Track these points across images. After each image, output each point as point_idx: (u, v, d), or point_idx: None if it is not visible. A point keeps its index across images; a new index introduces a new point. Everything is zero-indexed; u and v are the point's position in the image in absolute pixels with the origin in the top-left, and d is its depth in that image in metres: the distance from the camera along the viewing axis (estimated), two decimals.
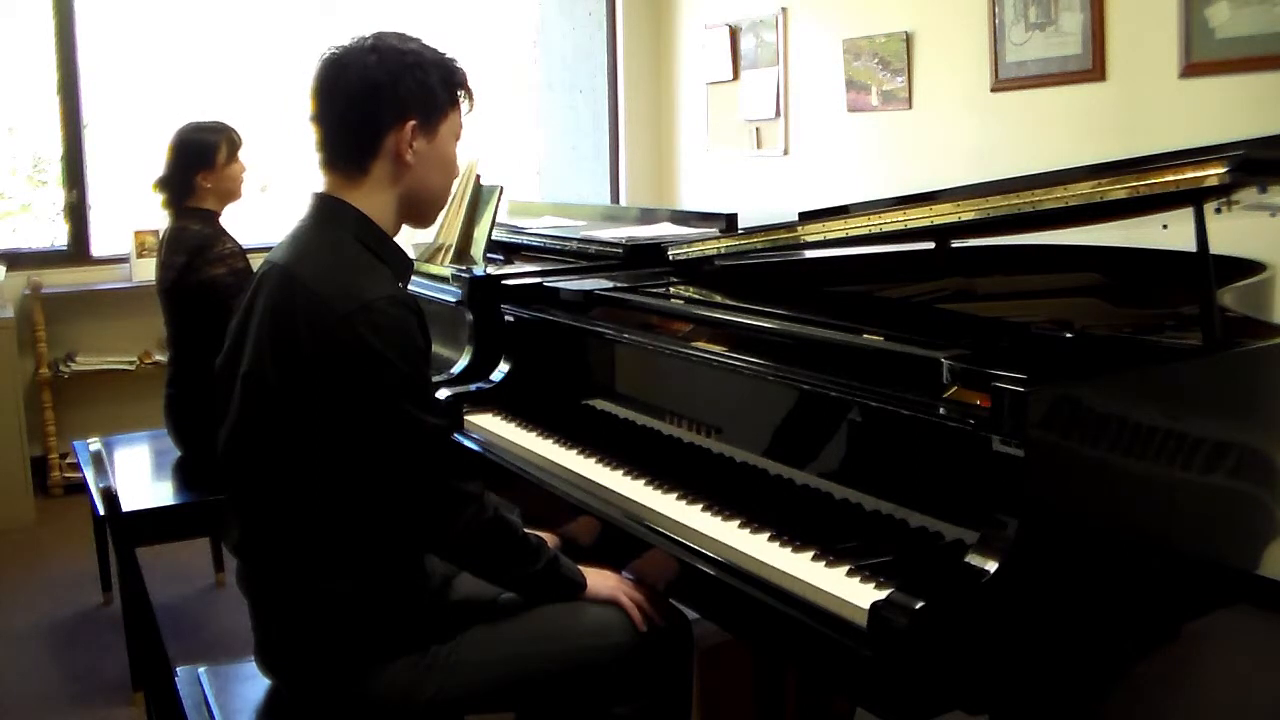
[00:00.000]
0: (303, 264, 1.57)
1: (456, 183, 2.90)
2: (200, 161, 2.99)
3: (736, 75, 5.19)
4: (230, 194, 3.07)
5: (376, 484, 1.54)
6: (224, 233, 3.00)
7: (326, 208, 1.63)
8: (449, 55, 1.68)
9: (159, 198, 3.06)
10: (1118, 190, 1.54)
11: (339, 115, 1.61)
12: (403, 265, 1.67)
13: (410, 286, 2.74)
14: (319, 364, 1.49)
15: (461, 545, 1.62)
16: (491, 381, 2.42)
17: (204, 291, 2.88)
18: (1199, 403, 1.58)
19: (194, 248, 2.90)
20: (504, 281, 2.52)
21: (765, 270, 2.46)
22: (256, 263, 1.81)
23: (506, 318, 2.43)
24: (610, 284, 2.34)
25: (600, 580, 1.73)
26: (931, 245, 2.32)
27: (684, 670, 1.80)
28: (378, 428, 1.51)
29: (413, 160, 1.61)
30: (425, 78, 1.61)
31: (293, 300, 1.54)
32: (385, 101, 1.59)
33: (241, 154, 3.08)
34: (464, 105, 1.70)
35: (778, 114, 4.96)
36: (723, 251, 2.35)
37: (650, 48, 5.73)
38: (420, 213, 1.71)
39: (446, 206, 2.98)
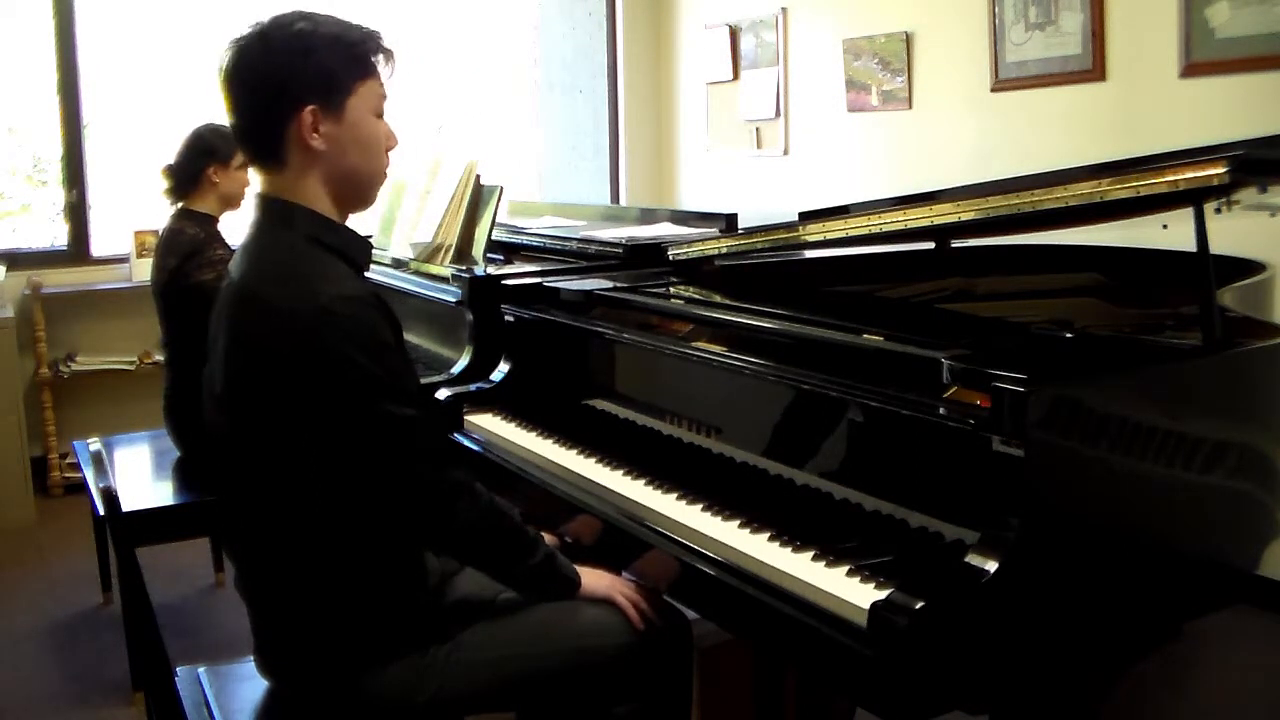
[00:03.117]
0: (256, 275, 1.55)
1: (456, 182, 2.93)
2: (214, 155, 3.01)
3: (736, 75, 5.19)
4: (233, 198, 3.08)
5: (364, 482, 1.53)
6: (218, 238, 3.01)
7: (271, 209, 1.60)
8: (354, 25, 1.60)
9: (163, 185, 3.07)
10: (1118, 190, 1.54)
11: (242, 110, 1.58)
12: (359, 250, 1.63)
13: (410, 286, 2.79)
14: (286, 374, 1.48)
15: (456, 535, 1.62)
16: (491, 381, 2.42)
17: (193, 295, 2.89)
18: (1199, 403, 1.58)
19: (186, 251, 2.92)
20: (504, 281, 2.51)
21: (765, 270, 2.46)
22: None
23: (506, 318, 2.43)
24: (610, 284, 2.34)
25: (596, 580, 1.73)
26: (931, 245, 2.32)
27: (684, 670, 1.80)
28: (354, 428, 1.50)
29: (322, 145, 1.56)
30: (318, 59, 1.54)
31: (251, 315, 1.53)
32: (278, 90, 1.54)
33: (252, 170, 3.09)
34: (382, 72, 1.62)
35: (778, 114, 4.96)
36: (723, 251, 2.35)
37: (650, 48, 5.73)
38: (352, 196, 1.63)
39: (446, 206, 2.98)
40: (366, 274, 1.66)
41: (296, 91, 1.54)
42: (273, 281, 1.53)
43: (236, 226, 3.14)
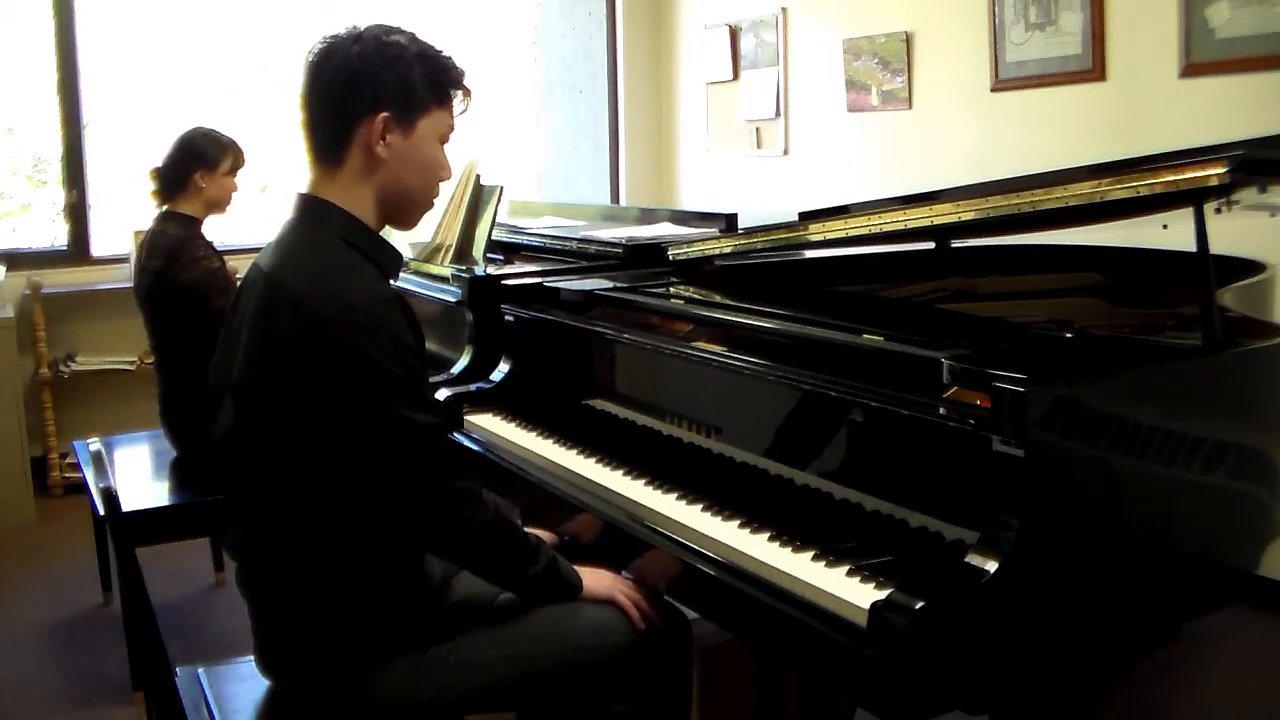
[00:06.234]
0: (285, 268, 1.56)
1: (456, 182, 2.93)
2: (202, 161, 3.02)
3: (736, 75, 5.19)
4: (218, 204, 3.10)
5: (373, 485, 1.53)
6: (200, 237, 3.03)
7: (309, 208, 1.61)
8: (444, 54, 1.64)
9: (150, 187, 3.08)
10: (1118, 190, 1.54)
11: (317, 101, 1.59)
12: (391, 260, 1.65)
13: (410, 286, 2.79)
14: (307, 369, 1.48)
15: (461, 543, 1.62)
16: (491, 381, 2.42)
17: (181, 295, 2.91)
18: (1199, 403, 1.58)
19: (169, 252, 2.93)
20: (504, 281, 2.52)
21: (765, 270, 2.46)
22: (243, 265, 1.80)
23: (507, 318, 2.43)
24: (610, 284, 2.34)
25: (597, 580, 1.73)
26: (931, 245, 2.32)
27: (684, 670, 1.80)
28: (370, 429, 1.50)
29: (385, 155, 1.58)
30: (406, 70, 1.58)
31: (277, 307, 1.53)
32: (359, 91, 1.56)
33: (240, 176, 3.13)
34: (456, 105, 1.66)
35: (778, 114, 4.96)
36: (723, 251, 2.35)
37: (650, 48, 5.73)
38: (398, 214, 1.67)
39: (445, 206, 2.98)
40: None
41: (375, 94, 1.56)
42: (301, 276, 1.53)
43: (221, 227, 3.17)
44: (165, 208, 3.07)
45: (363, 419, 1.49)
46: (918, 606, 1.27)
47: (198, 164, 3.02)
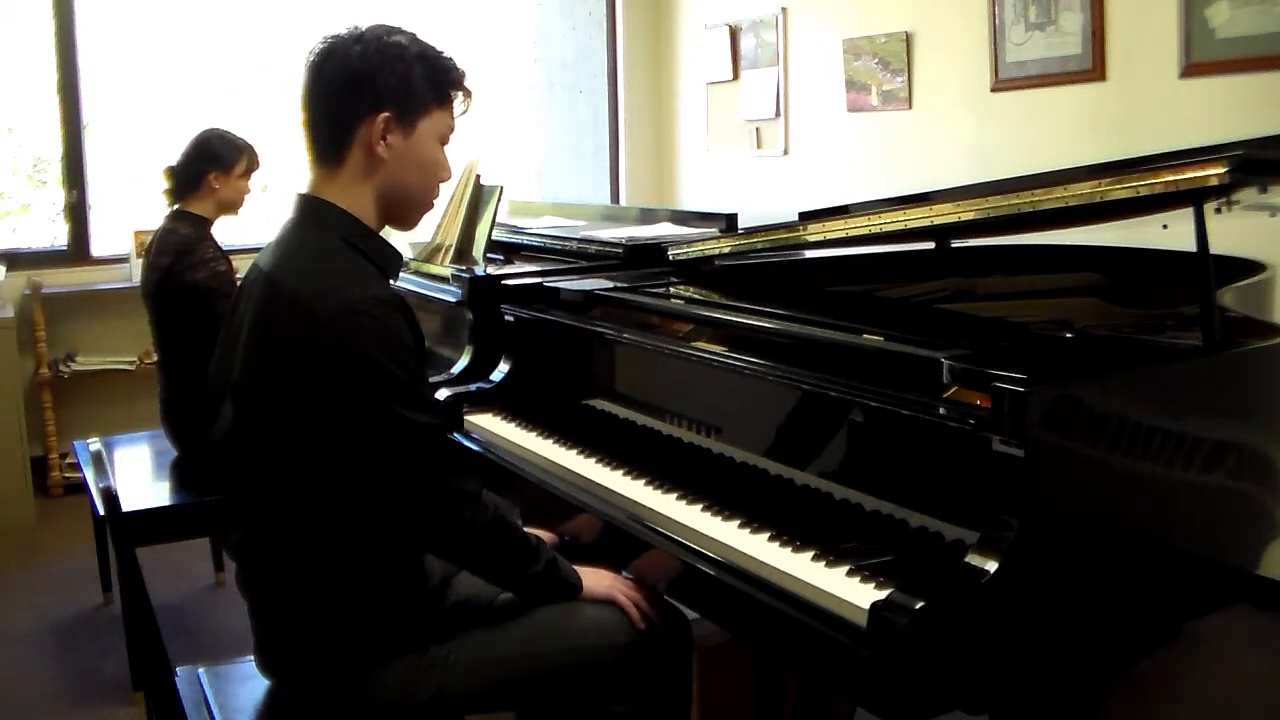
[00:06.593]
0: (286, 269, 1.56)
1: (456, 182, 2.93)
2: (217, 162, 3.04)
3: (736, 75, 5.19)
4: (230, 205, 3.12)
5: (373, 485, 1.53)
6: (209, 238, 3.04)
7: (309, 208, 1.61)
8: (444, 54, 1.64)
9: (163, 186, 3.09)
10: (1118, 190, 1.54)
11: (318, 101, 1.60)
12: (391, 261, 1.65)
13: (410, 286, 2.79)
14: (307, 370, 1.48)
15: (461, 544, 1.62)
16: (491, 381, 2.42)
17: (188, 294, 2.92)
18: (1199, 403, 1.58)
19: (178, 251, 2.94)
20: (504, 281, 2.52)
21: (765, 270, 2.46)
22: (244, 265, 1.80)
23: (507, 318, 2.43)
24: (610, 284, 2.34)
25: (596, 580, 1.73)
26: (931, 245, 2.32)
27: (684, 670, 1.80)
28: (369, 430, 1.50)
29: (386, 155, 1.58)
30: (406, 71, 1.58)
31: (277, 307, 1.53)
32: (360, 91, 1.56)
33: (254, 179, 3.15)
34: (457, 106, 1.67)
35: (778, 114, 4.96)
36: (723, 251, 2.35)
37: (650, 48, 5.73)
38: (398, 214, 1.67)
39: (445, 206, 2.98)
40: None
41: (376, 94, 1.57)
42: (302, 277, 1.54)
43: (221, 228, 3.18)
44: (177, 206, 3.07)
45: (362, 419, 1.49)
46: (918, 606, 1.26)
47: (213, 165, 3.04)
